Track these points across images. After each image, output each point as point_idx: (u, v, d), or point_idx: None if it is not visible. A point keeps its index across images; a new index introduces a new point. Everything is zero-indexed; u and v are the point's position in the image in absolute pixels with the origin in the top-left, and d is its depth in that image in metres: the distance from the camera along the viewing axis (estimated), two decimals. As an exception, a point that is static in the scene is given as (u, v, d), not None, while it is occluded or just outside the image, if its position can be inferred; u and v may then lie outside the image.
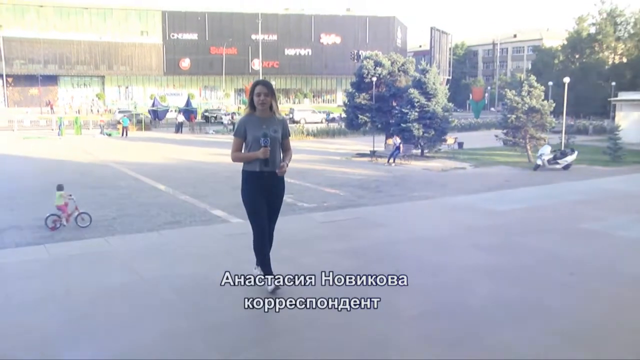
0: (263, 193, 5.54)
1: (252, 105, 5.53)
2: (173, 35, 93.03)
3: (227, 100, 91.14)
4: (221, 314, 5.07)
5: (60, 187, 17.82)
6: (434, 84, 41.30)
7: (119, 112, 68.08)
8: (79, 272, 6.22)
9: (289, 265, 6.38)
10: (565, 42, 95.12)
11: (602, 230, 8.64)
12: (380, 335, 4.65)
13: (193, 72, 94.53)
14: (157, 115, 67.48)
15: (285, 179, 5.71)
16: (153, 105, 69.69)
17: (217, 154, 38.68)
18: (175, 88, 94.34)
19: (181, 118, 63.45)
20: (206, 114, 74.40)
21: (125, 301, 5.35)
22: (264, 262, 5.60)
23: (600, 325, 5.11)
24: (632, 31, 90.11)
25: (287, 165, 5.60)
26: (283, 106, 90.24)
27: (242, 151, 5.60)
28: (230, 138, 6.89)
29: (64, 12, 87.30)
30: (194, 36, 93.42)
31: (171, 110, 70.13)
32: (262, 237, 5.58)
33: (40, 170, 30.69)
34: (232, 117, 65.67)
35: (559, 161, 34.38)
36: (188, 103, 68.66)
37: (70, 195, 17.72)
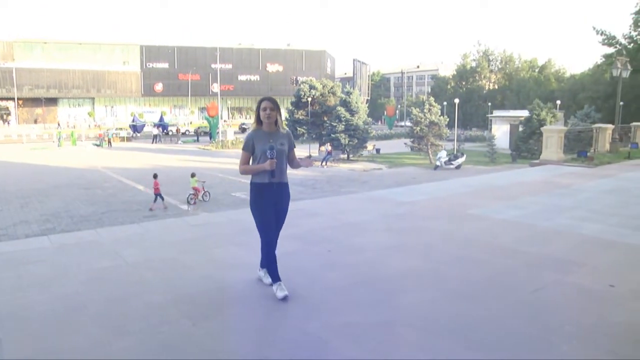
0: (271, 203, 4.79)
1: (258, 120, 4.78)
2: (149, 65, 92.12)
3: (192, 116, 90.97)
4: (190, 288, 4.98)
5: (193, 175, 21.35)
6: (356, 103, 41.80)
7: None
8: (75, 258, 6.05)
9: (245, 248, 6.36)
10: (455, 73, 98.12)
11: (483, 214, 8.82)
12: (318, 302, 4.65)
13: (165, 94, 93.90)
14: (136, 129, 66.68)
15: (240, 179, 5.60)
16: (133, 121, 69.13)
17: (185, 160, 38.30)
18: (151, 107, 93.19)
19: (156, 131, 62.46)
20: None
21: (112, 280, 5.21)
22: (272, 269, 4.85)
23: (483, 285, 5.23)
24: (500, 66, 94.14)
25: (301, 162, 5.04)
26: (236, 121, 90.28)
27: (250, 164, 4.82)
28: (180, 147, 6.62)
29: (62, 47, 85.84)
30: (165, 65, 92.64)
31: (147, 125, 69.41)
32: (271, 246, 4.86)
33: (43, 174, 30.18)
34: (177, 130, 65.40)
35: (452, 162, 35.16)
36: (161, 119, 68.39)
37: (204, 181, 21.59)
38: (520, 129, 46.14)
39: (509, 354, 3.71)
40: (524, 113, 48.84)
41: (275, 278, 4.80)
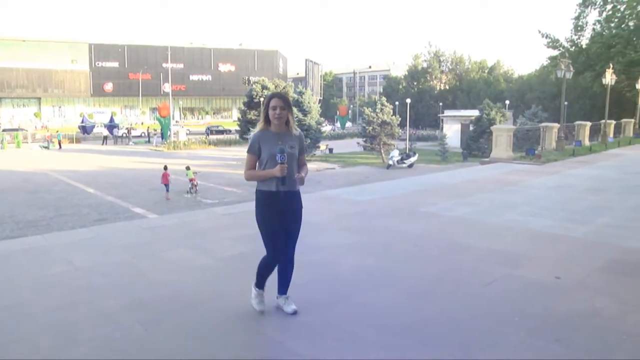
0: (280, 214, 4.20)
1: (266, 119, 4.15)
2: (98, 64, 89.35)
3: (143, 116, 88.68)
4: (143, 293, 4.89)
5: (188, 167, 23.66)
6: (309, 103, 41.88)
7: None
8: (21, 265, 5.85)
9: (198, 250, 6.32)
10: (407, 73, 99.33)
11: (435, 211, 8.98)
12: (272, 302, 4.64)
13: (115, 94, 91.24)
14: (85, 130, 64.86)
15: (170, 196, 5.42)
16: (82, 122, 67.10)
17: (136, 162, 37.58)
18: (101, 107, 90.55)
19: (105, 132, 61.05)
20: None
21: (62, 287, 5.05)
22: (261, 282, 4.40)
23: (436, 281, 5.33)
24: (450, 67, 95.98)
25: (304, 177, 4.26)
26: (189, 122, 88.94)
27: (257, 169, 4.23)
28: (132, 148, 6.44)
29: (4, 44, 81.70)
30: (115, 64, 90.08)
31: (97, 126, 67.55)
32: (275, 262, 4.34)
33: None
34: (129, 132, 63.78)
35: (405, 161, 35.61)
36: (111, 120, 66.46)
37: (196, 172, 23.95)
38: (471, 128, 47.18)
39: (462, 347, 3.79)
40: (475, 113, 49.95)
41: (261, 285, 4.41)
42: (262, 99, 43.75)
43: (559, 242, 7.06)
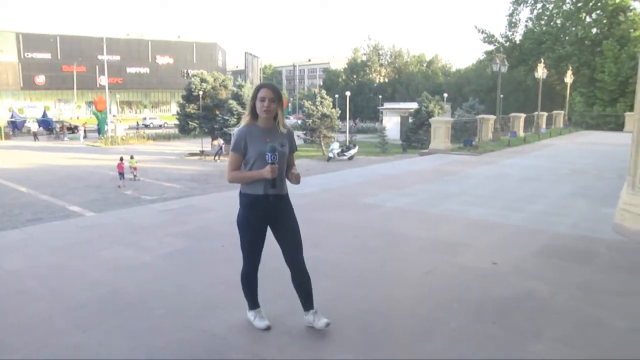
0: (267, 221, 3.84)
1: (253, 112, 3.70)
2: (28, 55, 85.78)
3: (79, 111, 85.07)
4: (80, 295, 4.70)
5: (132, 157, 26.03)
6: (248, 96, 41.50)
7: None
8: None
9: (136, 248, 6.19)
10: (346, 66, 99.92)
11: (375, 202, 9.12)
12: (214, 298, 4.60)
13: (48, 87, 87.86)
14: (16, 125, 61.83)
15: (130, 176, 5.27)
16: (12, 117, 63.96)
17: (72, 158, 36.39)
18: (32, 101, 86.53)
19: (35, 127, 58.56)
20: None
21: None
22: (253, 301, 4.07)
23: (377, 271, 5.42)
24: (390, 60, 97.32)
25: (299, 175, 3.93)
26: (127, 116, 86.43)
27: (242, 169, 3.76)
28: (67, 144, 6.06)
29: None
30: (47, 55, 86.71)
31: (29, 121, 64.32)
32: (251, 274, 4.00)
33: None
34: (62, 127, 60.22)
35: (345, 154, 35.92)
36: (44, 115, 63.82)
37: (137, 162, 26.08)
38: (410, 120, 47.95)
39: (404, 335, 3.88)
40: (414, 105, 50.81)
41: (255, 305, 4.07)
42: (201, 93, 43.21)
43: (495, 229, 7.32)
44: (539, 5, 53.59)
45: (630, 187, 7.16)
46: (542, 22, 53.49)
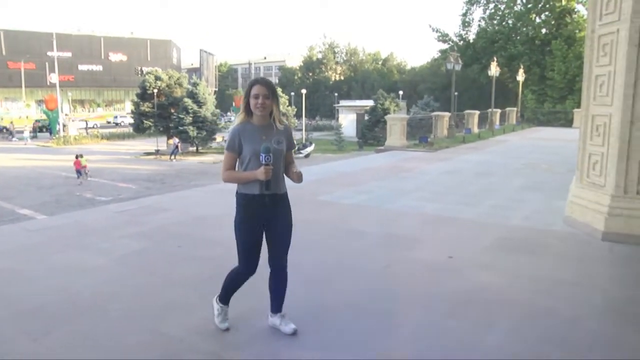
0: (263, 221, 3.71)
1: (247, 110, 3.61)
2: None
3: (28, 110, 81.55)
4: (30, 301, 4.54)
5: (81, 156, 25.77)
6: (203, 94, 41.19)
7: None
8: None
9: (91, 251, 6.04)
10: (302, 64, 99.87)
11: (333, 200, 9.15)
12: (170, 300, 4.54)
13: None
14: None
15: (84, 181, 5.04)
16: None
17: (20, 159, 35.28)
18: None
19: None
20: None
21: None
22: (227, 297, 3.97)
23: (335, 268, 5.44)
24: (345, 58, 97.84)
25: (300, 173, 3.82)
26: (79, 114, 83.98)
27: (237, 169, 3.69)
28: (16, 145, 5.71)
29: None
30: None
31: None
32: (245, 276, 3.87)
33: None
34: (11, 126, 57.90)
35: (301, 151, 35.95)
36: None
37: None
38: (366, 117, 48.30)
39: (362, 332, 3.91)
40: (369, 103, 51.22)
41: (225, 300, 3.97)
42: (155, 91, 42.55)
43: (451, 224, 7.45)
44: (491, 6, 55.43)
45: (578, 180, 7.43)
46: (495, 22, 55.15)
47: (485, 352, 3.66)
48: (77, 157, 25.77)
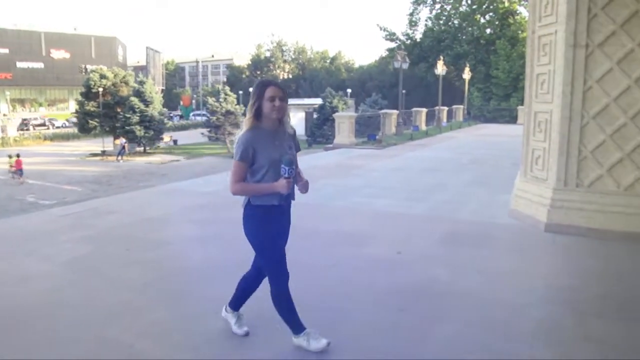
0: (283, 231, 3.59)
1: (258, 114, 3.30)
2: None
3: None
4: None
5: (11, 156, 26.22)
6: (150, 93, 40.52)
7: None
8: None
9: (33, 257, 5.81)
10: (250, 62, 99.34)
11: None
12: (117, 304, 4.44)
13: None
14: None
15: (26, 179, 4.82)
16: None
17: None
18: None
19: None
20: None
21: None
22: (295, 315, 3.65)
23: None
24: (293, 56, 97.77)
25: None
26: (21, 115, 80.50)
27: (247, 179, 3.39)
28: None
29: None
30: None
31: None
32: (287, 286, 3.64)
33: None
34: None
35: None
36: None
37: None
38: (315, 116, 48.35)
39: (313, 328, 3.91)
40: (318, 101, 51.29)
41: (299, 326, 3.63)
42: (100, 90, 41.45)
43: (400, 219, 7.56)
44: (438, 6, 56.67)
45: (522, 175, 7.69)
46: (441, 22, 56.39)
47: (435, 344, 3.74)
48: (17, 156, 25.96)
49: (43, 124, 66.08)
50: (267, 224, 3.43)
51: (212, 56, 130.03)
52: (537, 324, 4.11)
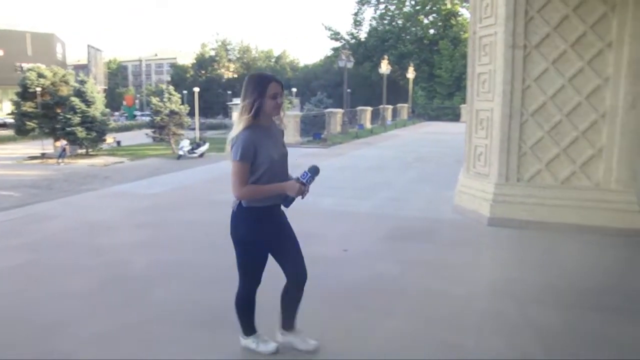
0: (274, 232, 3.40)
1: (257, 111, 3.07)
2: None
3: None
4: None
5: None
6: (92, 93, 39.41)
7: None
8: None
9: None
10: (195, 61, 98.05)
11: (226, 199, 8.93)
12: (60, 313, 4.28)
13: None
14: None
15: None
16: None
17: None
18: None
19: None
20: None
21: None
22: (251, 326, 3.57)
23: (231, 269, 5.35)
24: (238, 55, 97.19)
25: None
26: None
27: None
28: None
29: None
30: None
31: None
32: (254, 292, 3.54)
33: None
34: None
35: (195, 151, 35.35)
36: None
37: None
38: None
39: (259, 329, 3.89)
40: (264, 100, 51.04)
41: (252, 329, 3.57)
42: (39, 89, 39.98)
43: (346, 218, 7.61)
44: (382, 6, 57.52)
45: (466, 171, 7.89)
46: (385, 22, 57.32)
47: (384, 338, 3.78)
48: None
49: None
50: (260, 227, 3.28)
51: (156, 55, 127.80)
52: (482, 314, 4.24)
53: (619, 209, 6.70)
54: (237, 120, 3.13)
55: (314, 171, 3.20)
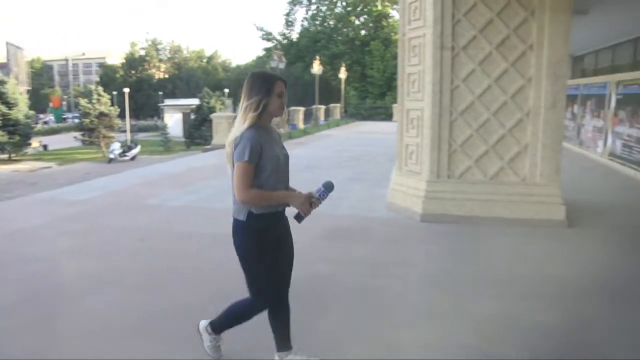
0: (280, 240, 3.23)
1: (262, 111, 2.91)
2: None
3: None
4: None
5: None
6: (14, 94, 37.61)
7: None
8: None
9: None
10: (124, 61, 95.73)
11: (158, 203, 8.85)
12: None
13: None
14: None
15: None
16: None
17: None
18: None
19: None
20: None
21: None
22: (225, 328, 3.44)
23: (163, 273, 5.26)
24: (169, 55, 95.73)
25: None
26: None
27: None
28: None
29: None
30: None
31: None
32: (283, 300, 3.38)
33: None
34: None
35: (127, 154, 34.45)
36: None
37: None
38: (192, 117, 47.42)
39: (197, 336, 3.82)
40: (195, 101, 50.34)
41: (220, 332, 3.45)
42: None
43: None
44: (314, 7, 57.77)
45: (398, 169, 8.05)
46: (317, 23, 57.72)
47: (322, 335, 3.85)
48: None
49: None
50: (268, 233, 3.09)
51: (83, 54, 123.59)
52: (417, 308, 4.37)
53: (544, 202, 7.05)
54: (240, 119, 2.96)
55: (329, 187, 3.07)
